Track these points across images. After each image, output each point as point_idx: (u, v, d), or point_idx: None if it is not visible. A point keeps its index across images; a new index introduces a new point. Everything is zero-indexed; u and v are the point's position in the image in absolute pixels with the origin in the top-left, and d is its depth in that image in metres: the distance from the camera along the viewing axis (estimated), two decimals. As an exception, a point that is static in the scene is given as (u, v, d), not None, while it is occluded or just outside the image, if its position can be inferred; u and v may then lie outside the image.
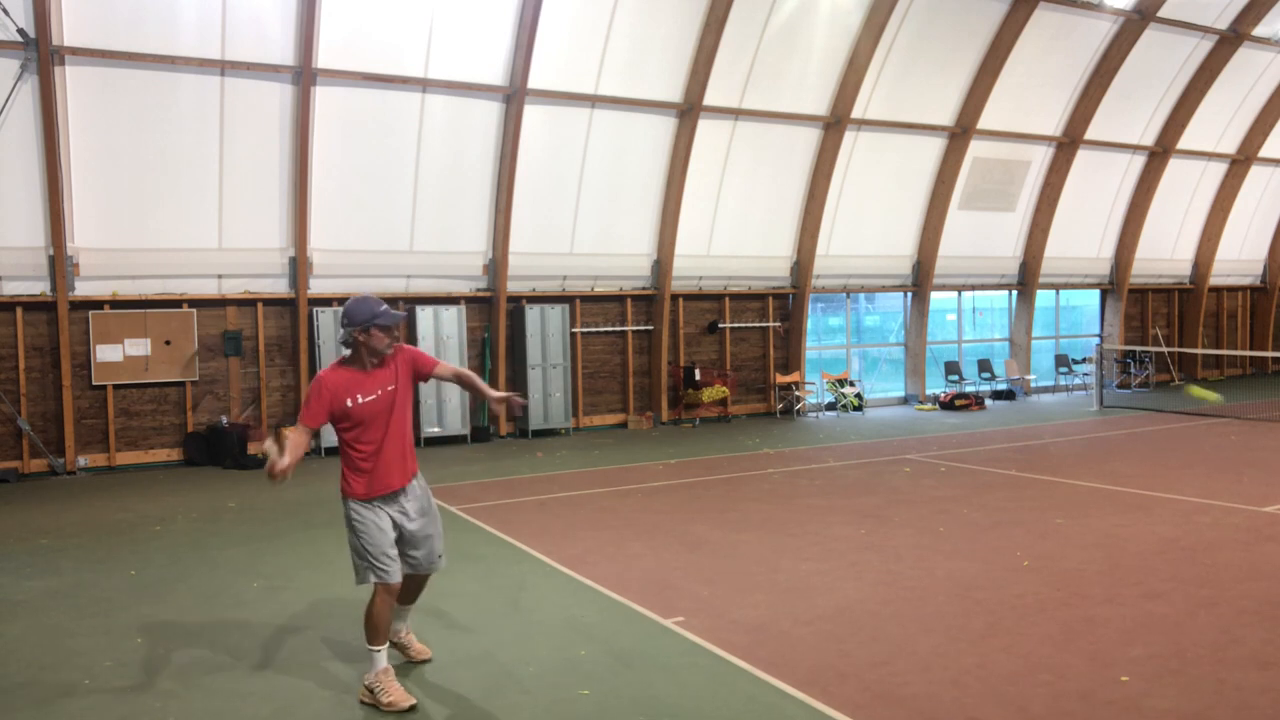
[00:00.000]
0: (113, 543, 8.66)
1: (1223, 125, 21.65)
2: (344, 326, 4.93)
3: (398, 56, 13.71)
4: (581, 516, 9.28)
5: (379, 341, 4.93)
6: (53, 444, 12.78)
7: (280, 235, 13.79)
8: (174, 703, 4.95)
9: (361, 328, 4.89)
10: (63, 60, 12.09)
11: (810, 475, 11.34)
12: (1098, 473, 10.95)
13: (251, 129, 13.25)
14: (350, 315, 4.90)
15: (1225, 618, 5.79)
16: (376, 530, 4.97)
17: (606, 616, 6.18)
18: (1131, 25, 18.40)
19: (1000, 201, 19.74)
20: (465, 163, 14.68)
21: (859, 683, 4.96)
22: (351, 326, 4.90)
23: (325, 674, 5.31)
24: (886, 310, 20.76)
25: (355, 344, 4.94)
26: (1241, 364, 24.58)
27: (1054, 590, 6.43)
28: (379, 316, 4.90)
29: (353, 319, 4.89)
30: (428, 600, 6.54)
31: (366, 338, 4.91)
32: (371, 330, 4.90)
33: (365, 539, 4.95)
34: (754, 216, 17.34)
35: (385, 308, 4.95)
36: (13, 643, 5.96)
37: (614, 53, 14.97)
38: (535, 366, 15.42)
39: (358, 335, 4.90)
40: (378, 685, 4.85)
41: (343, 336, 4.96)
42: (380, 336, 4.93)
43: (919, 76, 17.47)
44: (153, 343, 13.24)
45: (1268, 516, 8.51)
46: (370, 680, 4.89)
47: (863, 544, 7.86)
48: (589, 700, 4.84)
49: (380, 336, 4.93)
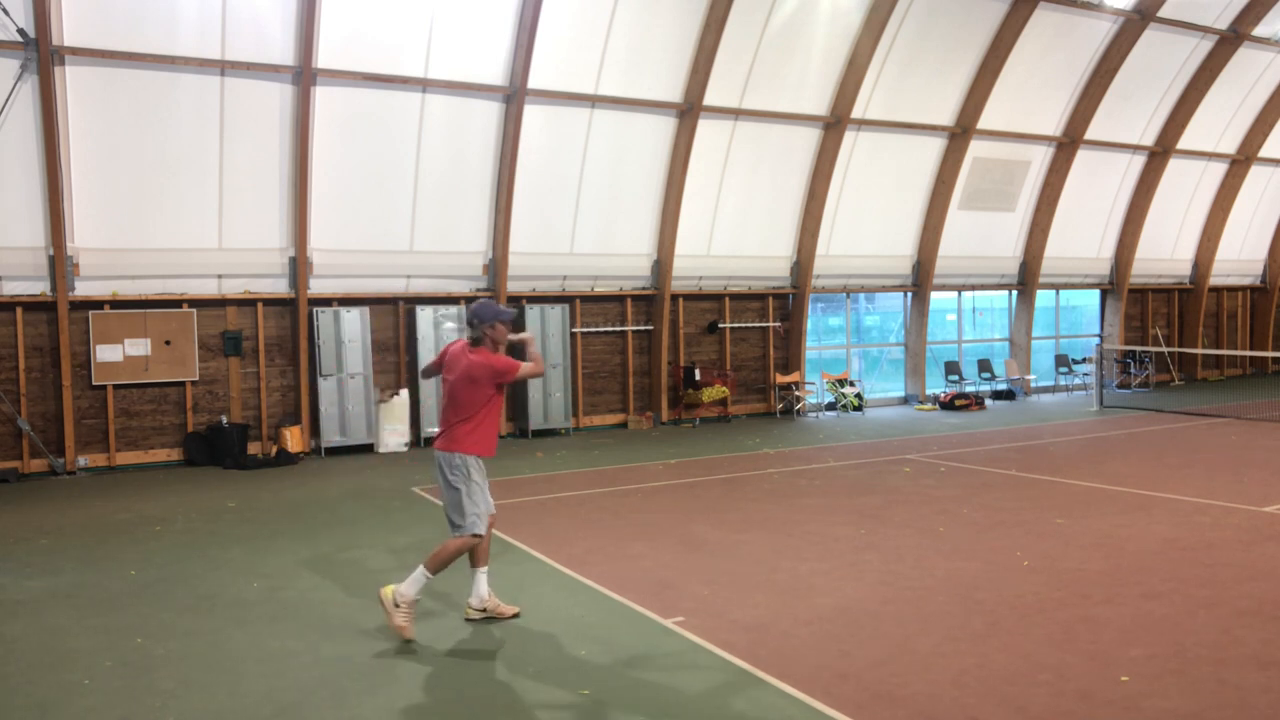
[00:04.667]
0: (113, 543, 8.65)
1: (1223, 125, 21.65)
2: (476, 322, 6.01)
3: (398, 56, 13.70)
4: (581, 516, 9.28)
5: (501, 334, 6.08)
6: (53, 444, 12.78)
7: (280, 235, 13.79)
8: (174, 703, 4.95)
9: (491, 323, 6.01)
10: (63, 60, 12.09)
11: (810, 475, 11.34)
12: (1098, 473, 10.96)
13: (251, 129, 13.25)
14: (482, 314, 6.02)
15: (1225, 618, 5.79)
16: (487, 489, 6.07)
17: (606, 616, 6.18)
18: (1131, 25, 18.40)
19: (1000, 201, 19.74)
20: (465, 163, 14.68)
21: (859, 683, 4.96)
22: (484, 322, 6.00)
23: (326, 673, 5.31)
24: (886, 310, 20.76)
25: (483, 337, 6.03)
26: (1241, 364, 24.58)
27: (1054, 590, 6.44)
28: (503, 314, 6.08)
29: (484, 316, 6.01)
30: (427, 600, 6.55)
31: (494, 331, 6.04)
32: (497, 325, 6.04)
33: (484, 495, 6.02)
34: (754, 216, 17.34)
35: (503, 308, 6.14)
36: (13, 643, 5.96)
37: (614, 53, 14.96)
38: (535, 366, 15.39)
39: (487, 330, 6.02)
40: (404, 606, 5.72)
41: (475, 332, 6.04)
42: (503, 330, 6.09)
43: (919, 76, 17.47)
44: (153, 343, 13.24)
45: (1268, 516, 8.51)
46: (403, 597, 5.72)
47: (863, 544, 7.86)
48: (589, 700, 4.84)
49: (503, 330, 6.09)
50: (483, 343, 6.03)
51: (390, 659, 5.51)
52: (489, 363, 5.97)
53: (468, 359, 6.01)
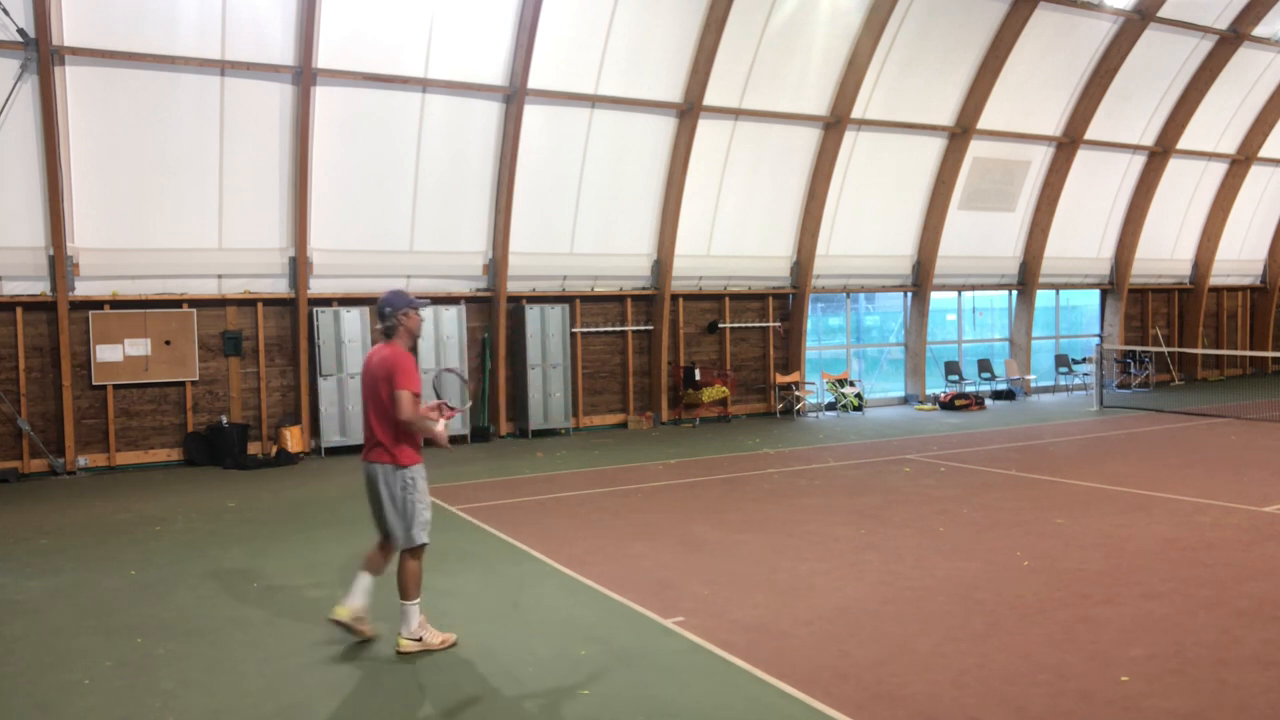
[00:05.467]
0: (113, 543, 8.65)
1: (1223, 125, 21.65)
2: (387, 312, 5.60)
3: (397, 56, 13.70)
4: (581, 516, 9.28)
5: (415, 323, 5.67)
6: (53, 444, 12.78)
7: (280, 235, 13.79)
8: (174, 702, 4.95)
9: (404, 310, 5.61)
10: (63, 60, 12.09)
11: (810, 475, 11.34)
12: (1098, 473, 10.95)
13: (251, 129, 13.25)
14: (394, 302, 5.61)
15: (1225, 618, 5.79)
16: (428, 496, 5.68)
17: (606, 616, 6.18)
18: (1131, 25, 18.40)
19: (1000, 201, 19.74)
20: (465, 163, 14.68)
21: (859, 683, 4.96)
22: (396, 309, 5.59)
23: (326, 673, 5.31)
24: (886, 310, 20.76)
25: (396, 327, 5.61)
26: (1241, 364, 24.58)
27: (1054, 590, 6.43)
28: (415, 301, 5.69)
29: (396, 304, 5.60)
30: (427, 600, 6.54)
31: (407, 319, 5.62)
32: (410, 313, 5.63)
33: (426, 502, 5.64)
34: (754, 216, 17.34)
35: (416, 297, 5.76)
36: (13, 643, 5.96)
37: (614, 53, 14.96)
38: (535, 366, 15.42)
39: (401, 317, 5.60)
40: (425, 631, 5.57)
41: (386, 323, 5.61)
42: (416, 318, 5.69)
43: (919, 76, 17.47)
44: (153, 343, 13.24)
45: (1268, 516, 8.51)
46: (415, 630, 5.53)
47: (863, 544, 7.86)
48: (589, 700, 4.84)
49: (416, 318, 5.69)
50: (396, 333, 5.61)
51: (390, 659, 5.51)
52: (391, 359, 5.47)
53: (379, 356, 5.55)
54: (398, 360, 5.46)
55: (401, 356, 5.49)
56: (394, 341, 5.59)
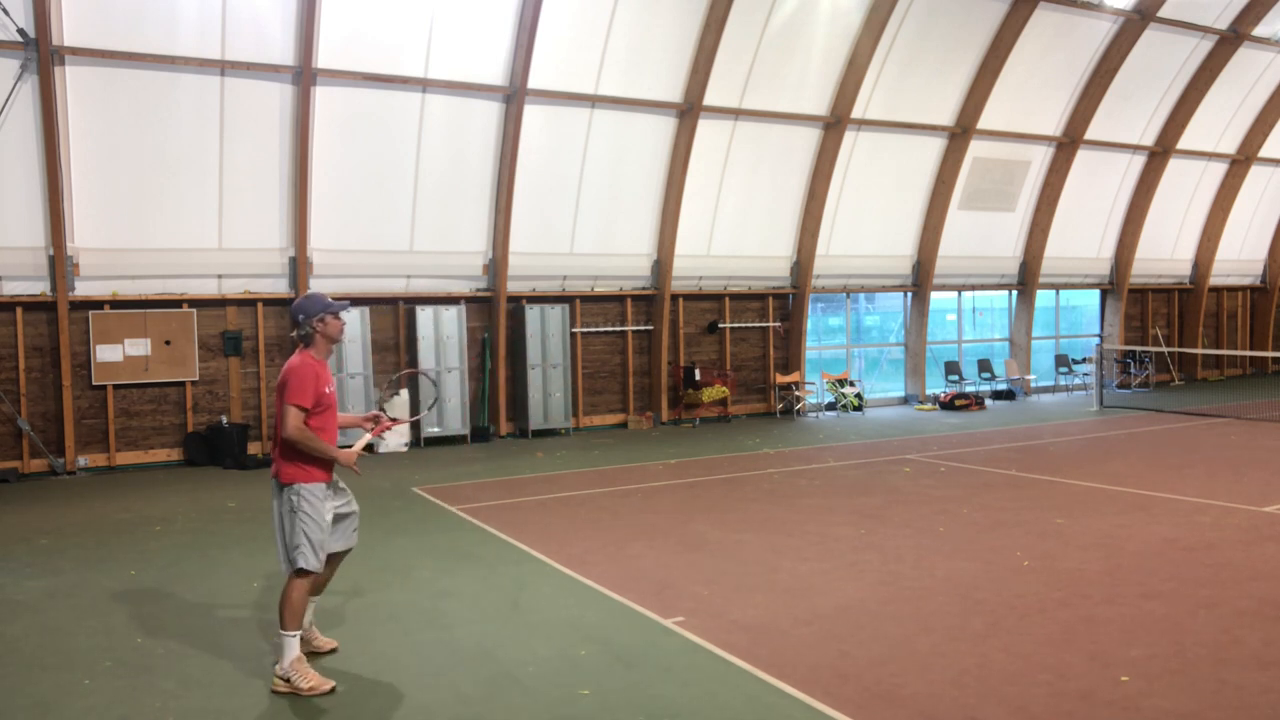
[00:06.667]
0: (113, 543, 8.65)
1: (1223, 125, 21.65)
2: (301, 318, 5.22)
3: (397, 56, 13.70)
4: (581, 516, 9.28)
5: (334, 329, 5.28)
6: (53, 444, 12.78)
7: (280, 235, 13.79)
8: (174, 703, 4.95)
9: (320, 317, 5.23)
10: (63, 60, 12.09)
11: (810, 475, 11.34)
12: (1098, 473, 10.95)
13: (251, 129, 13.25)
14: (307, 308, 5.23)
15: (1225, 618, 5.79)
16: (324, 520, 5.21)
17: (606, 616, 6.18)
18: (1131, 25, 18.39)
19: (1000, 201, 19.74)
20: (465, 163, 14.68)
21: (859, 683, 4.96)
22: (310, 316, 5.21)
23: (325, 673, 5.30)
24: (886, 310, 20.76)
25: (312, 335, 5.24)
26: (1241, 364, 24.57)
27: (1054, 590, 6.43)
28: (333, 306, 5.27)
29: (309, 310, 5.22)
30: (428, 600, 6.55)
31: (324, 326, 5.24)
32: (327, 319, 5.24)
33: (319, 527, 5.16)
34: (754, 216, 17.34)
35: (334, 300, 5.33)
36: (13, 643, 5.96)
37: (614, 53, 14.96)
38: (535, 366, 15.42)
39: (316, 324, 5.22)
40: (295, 672, 5.01)
41: (300, 331, 5.24)
42: (336, 324, 5.30)
43: (919, 76, 17.47)
44: (153, 343, 13.24)
45: (1268, 516, 8.51)
46: (286, 669, 5.02)
47: (863, 544, 7.86)
48: (589, 700, 4.84)
49: (336, 324, 5.30)
50: (313, 341, 5.23)
51: (391, 659, 5.50)
52: (286, 371, 5.15)
53: (286, 366, 5.22)
54: (290, 372, 5.11)
55: (298, 368, 5.12)
56: (308, 350, 5.22)
